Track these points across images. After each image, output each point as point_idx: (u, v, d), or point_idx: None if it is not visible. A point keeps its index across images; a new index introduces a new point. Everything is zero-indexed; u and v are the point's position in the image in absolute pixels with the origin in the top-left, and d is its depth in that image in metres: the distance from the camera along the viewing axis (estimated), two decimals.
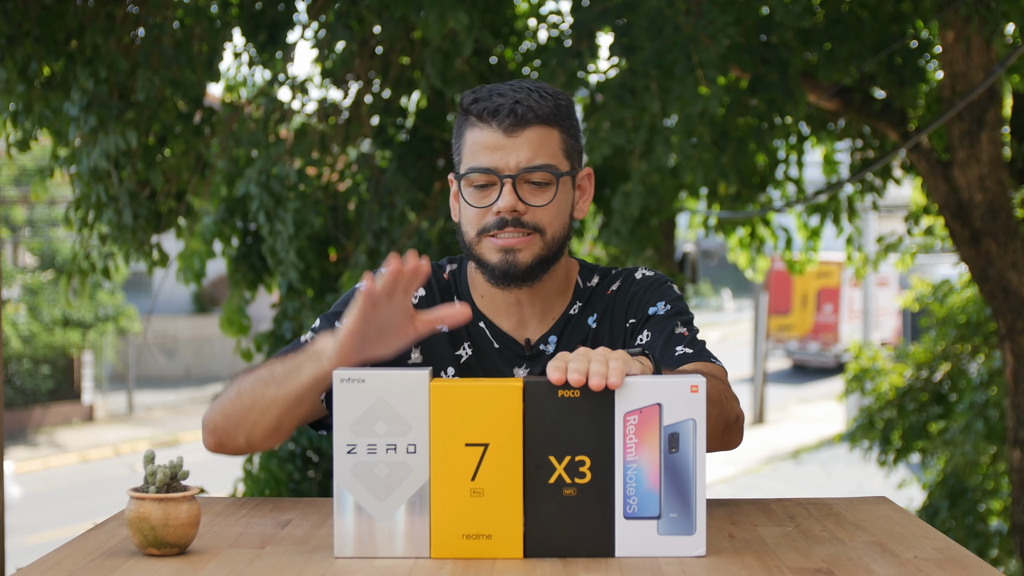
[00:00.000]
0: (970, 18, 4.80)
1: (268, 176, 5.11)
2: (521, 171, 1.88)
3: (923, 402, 8.23)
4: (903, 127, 5.86)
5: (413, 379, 1.55)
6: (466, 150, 1.92)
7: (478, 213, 1.91)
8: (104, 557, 1.58)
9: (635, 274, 2.04)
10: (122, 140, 4.80)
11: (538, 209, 1.90)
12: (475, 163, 1.90)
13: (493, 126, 1.89)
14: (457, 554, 1.55)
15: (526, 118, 1.88)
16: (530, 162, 1.88)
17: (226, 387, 1.89)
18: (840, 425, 17.66)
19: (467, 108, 1.92)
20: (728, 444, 1.89)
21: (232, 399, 1.85)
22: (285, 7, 5.44)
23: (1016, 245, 5.32)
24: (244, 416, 1.83)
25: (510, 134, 1.88)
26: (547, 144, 1.90)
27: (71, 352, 18.60)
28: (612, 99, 4.57)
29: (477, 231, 1.92)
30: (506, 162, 1.88)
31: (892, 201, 12.83)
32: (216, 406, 1.88)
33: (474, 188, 1.91)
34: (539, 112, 1.89)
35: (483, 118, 1.89)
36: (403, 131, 5.85)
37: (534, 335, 1.99)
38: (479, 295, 2.01)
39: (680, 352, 1.90)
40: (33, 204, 19.07)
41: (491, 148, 1.89)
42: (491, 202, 1.90)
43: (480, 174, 1.89)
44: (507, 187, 1.88)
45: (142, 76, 4.80)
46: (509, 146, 1.88)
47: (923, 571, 1.50)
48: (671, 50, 4.27)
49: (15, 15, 4.77)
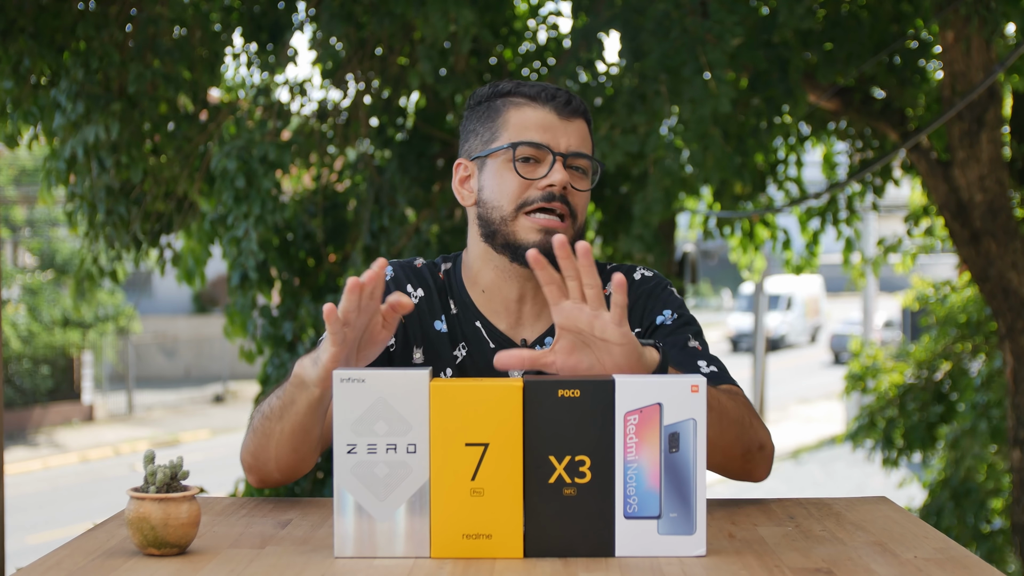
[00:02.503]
0: (970, 18, 4.81)
1: (248, 154, 4.96)
2: (571, 153, 1.93)
3: (924, 401, 8.24)
4: (903, 127, 5.86)
5: (413, 379, 1.55)
6: (512, 127, 1.94)
7: (520, 186, 1.92)
8: (104, 557, 1.58)
9: (634, 274, 2.03)
10: (103, 131, 4.76)
11: (578, 194, 1.94)
12: (528, 138, 1.93)
13: (549, 107, 1.94)
14: (457, 554, 1.55)
15: (579, 109, 1.96)
16: (579, 148, 1.94)
17: (248, 424, 1.91)
18: (840, 425, 17.68)
19: (511, 91, 1.96)
20: (751, 473, 1.89)
21: (252, 437, 1.87)
22: (285, 7, 5.44)
23: (1016, 245, 5.32)
24: (266, 452, 1.85)
25: (564, 117, 1.94)
26: (588, 137, 1.98)
27: (71, 352, 18.61)
28: (623, 106, 4.58)
29: (516, 205, 1.92)
30: (558, 142, 1.93)
31: (892, 201, 12.83)
32: (245, 445, 1.90)
33: (521, 161, 1.93)
34: (583, 109, 1.97)
35: (539, 99, 1.94)
36: (402, 131, 5.85)
37: (531, 335, 1.98)
38: (479, 290, 2.00)
39: (708, 371, 1.92)
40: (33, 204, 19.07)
41: (545, 127, 1.93)
42: (539, 176, 1.92)
43: (533, 148, 1.92)
44: (559, 164, 1.92)
45: (133, 69, 4.77)
46: (562, 129, 1.93)
47: (923, 571, 1.50)
48: (679, 52, 4.28)
49: (10, 10, 4.75)
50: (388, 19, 5.06)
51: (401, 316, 1.79)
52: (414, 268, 2.03)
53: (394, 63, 5.58)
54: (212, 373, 21.71)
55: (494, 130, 1.95)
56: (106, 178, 5.08)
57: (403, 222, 5.46)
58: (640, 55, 4.57)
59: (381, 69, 5.62)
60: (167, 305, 23.27)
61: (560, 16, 6.03)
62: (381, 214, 5.50)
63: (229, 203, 4.95)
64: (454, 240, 5.51)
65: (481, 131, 1.97)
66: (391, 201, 5.53)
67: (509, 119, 1.94)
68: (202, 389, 21.23)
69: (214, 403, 20.45)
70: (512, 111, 1.95)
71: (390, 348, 1.97)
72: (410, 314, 1.98)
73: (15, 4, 4.76)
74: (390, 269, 2.02)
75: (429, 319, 1.99)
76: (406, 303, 1.70)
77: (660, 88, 4.43)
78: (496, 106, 1.96)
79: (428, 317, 1.99)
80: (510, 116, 1.94)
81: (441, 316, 1.99)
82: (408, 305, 1.70)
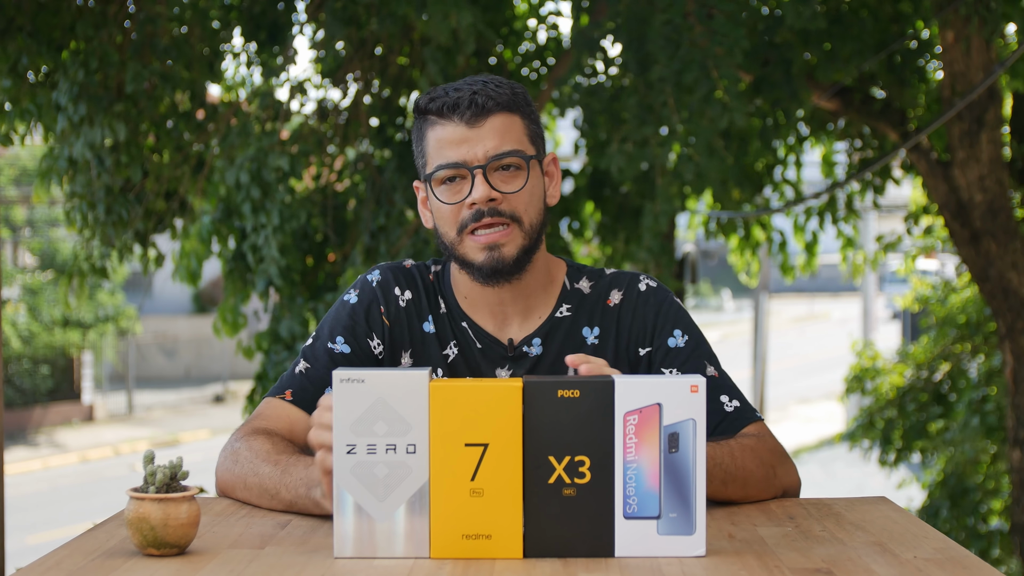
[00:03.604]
0: (970, 18, 4.81)
1: (260, 165, 5.02)
2: (490, 159, 1.87)
3: (923, 402, 8.24)
4: (903, 127, 5.86)
5: (413, 379, 1.55)
6: (430, 150, 1.90)
7: (452, 210, 1.89)
8: (104, 557, 1.58)
9: (638, 285, 2.01)
10: (110, 132, 4.76)
11: (513, 196, 1.89)
12: (442, 160, 1.88)
13: (455, 120, 1.87)
14: (457, 554, 1.55)
15: (487, 107, 1.87)
16: (497, 149, 1.87)
17: (231, 454, 1.89)
18: (840, 425, 17.67)
19: (424, 108, 1.90)
20: None
21: (237, 485, 1.87)
22: (285, 7, 5.44)
23: (1016, 245, 5.32)
24: (240, 495, 1.87)
25: (473, 125, 1.87)
26: (511, 130, 1.89)
27: (71, 352, 18.60)
28: (633, 118, 4.58)
29: (457, 229, 1.90)
30: (474, 153, 1.87)
31: (892, 201, 12.83)
32: (224, 475, 1.89)
33: (445, 185, 1.89)
34: (499, 100, 1.88)
35: (443, 114, 1.88)
36: (402, 131, 5.85)
37: (517, 335, 1.98)
38: (462, 296, 1.99)
39: (732, 408, 1.93)
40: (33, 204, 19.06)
41: (456, 142, 1.87)
42: (464, 196, 1.88)
43: (449, 169, 1.88)
44: (479, 177, 1.87)
45: (131, 69, 4.77)
46: (474, 137, 1.87)
47: (923, 571, 1.50)
48: (689, 68, 4.28)
49: (8, 9, 4.74)
50: (389, 19, 5.06)
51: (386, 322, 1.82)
52: (404, 269, 2.03)
53: (394, 63, 5.59)
54: (212, 373, 21.70)
55: (424, 153, 1.93)
56: (106, 177, 5.07)
57: (403, 222, 5.46)
58: (646, 66, 4.57)
59: (381, 69, 5.62)
60: (167, 305, 23.25)
61: (560, 16, 6.04)
62: (381, 214, 5.50)
63: (247, 213, 5.02)
64: None
65: (417, 153, 1.96)
66: (391, 201, 5.53)
67: (428, 141, 1.91)
68: (202, 389, 21.22)
69: (214, 403, 20.45)
70: (429, 131, 1.91)
71: (378, 355, 1.98)
72: (397, 318, 1.98)
73: (14, 2, 4.75)
74: (378, 273, 2.02)
75: (417, 321, 2.00)
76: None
77: (667, 100, 4.44)
78: (420, 125, 1.93)
79: (416, 320, 2.00)
80: (428, 137, 1.91)
81: (429, 317, 1.99)
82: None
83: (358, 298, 2.00)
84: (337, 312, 2.00)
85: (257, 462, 1.84)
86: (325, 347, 1.97)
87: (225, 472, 1.89)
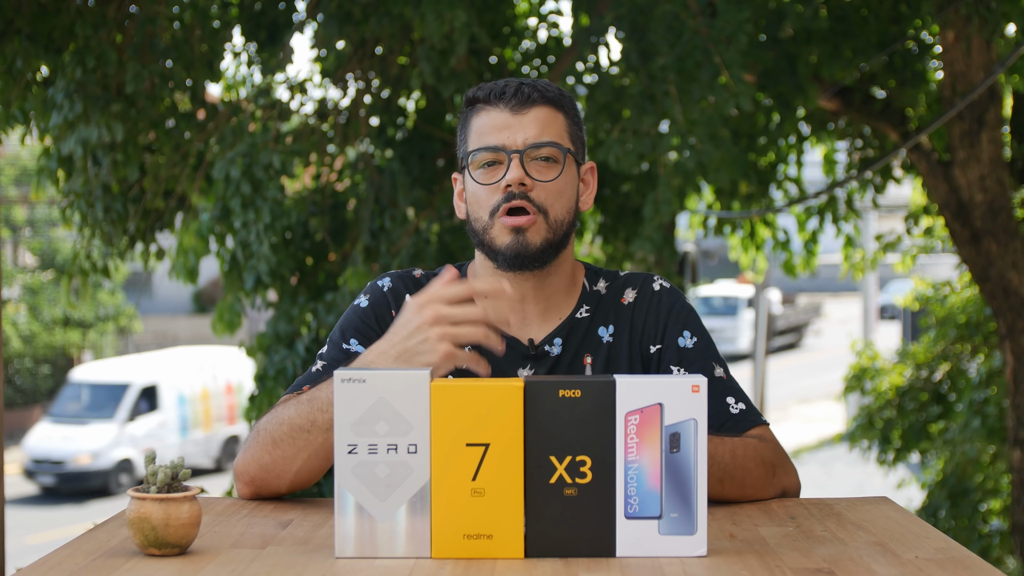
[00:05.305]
0: (970, 18, 4.81)
1: (251, 162, 5.01)
2: (528, 146, 1.91)
3: (923, 402, 8.24)
4: (903, 127, 5.86)
5: (414, 379, 1.55)
6: (472, 135, 1.95)
7: (488, 192, 1.92)
8: (105, 557, 1.58)
9: (652, 285, 2.03)
10: (107, 131, 4.76)
11: (544, 185, 1.92)
12: (482, 143, 1.93)
13: (500, 106, 1.92)
14: (458, 554, 1.55)
15: (532, 97, 1.92)
16: (537, 138, 1.92)
17: (251, 436, 1.87)
18: (840, 425, 17.67)
19: (472, 97, 1.96)
20: None
21: (268, 449, 1.82)
22: (285, 7, 5.44)
23: (1016, 245, 5.32)
24: (287, 464, 1.82)
25: (517, 112, 1.92)
26: (553, 123, 1.94)
27: (71, 352, 18.61)
28: (634, 108, 4.58)
29: (489, 212, 1.92)
30: (513, 139, 1.91)
31: (892, 201, 12.83)
32: (248, 457, 1.85)
33: (482, 169, 1.93)
34: (545, 93, 1.94)
35: (490, 101, 1.93)
36: (402, 131, 5.85)
37: (538, 335, 1.99)
38: (482, 296, 1.99)
39: (737, 410, 1.94)
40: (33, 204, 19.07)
41: (498, 127, 1.92)
42: (499, 178, 1.91)
43: (488, 152, 1.92)
44: (514, 161, 1.90)
45: (131, 68, 4.77)
46: (516, 124, 1.91)
47: (924, 571, 1.50)
48: (691, 54, 4.28)
49: (7, 11, 4.73)
50: (387, 19, 5.06)
51: None
52: (414, 279, 2.03)
53: (394, 63, 5.59)
54: None
55: (465, 141, 1.97)
56: (103, 176, 5.07)
57: (403, 222, 5.47)
58: (648, 56, 4.57)
59: (381, 69, 5.62)
60: (167, 305, 23.25)
61: (560, 15, 6.04)
62: (381, 214, 5.50)
63: (236, 209, 4.99)
64: (454, 240, 5.51)
65: (459, 143, 1.99)
66: (391, 201, 5.53)
67: (471, 127, 1.95)
68: None
69: None
70: (474, 119, 1.95)
71: None
72: None
73: (13, 5, 4.74)
74: (388, 280, 2.04)
75: None
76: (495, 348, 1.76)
77: (669, 88, 4.43)
78: (466, 115, 1.98)
79: None
80: (472, 124, 1.95)
81: None
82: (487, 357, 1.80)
83: (369, 302, 2.01)
84: (349, 316, 2.01)
85: (275, 418, 1.82)
86: (340, 347, 1.98)
87: (247, 453, 1.85)
